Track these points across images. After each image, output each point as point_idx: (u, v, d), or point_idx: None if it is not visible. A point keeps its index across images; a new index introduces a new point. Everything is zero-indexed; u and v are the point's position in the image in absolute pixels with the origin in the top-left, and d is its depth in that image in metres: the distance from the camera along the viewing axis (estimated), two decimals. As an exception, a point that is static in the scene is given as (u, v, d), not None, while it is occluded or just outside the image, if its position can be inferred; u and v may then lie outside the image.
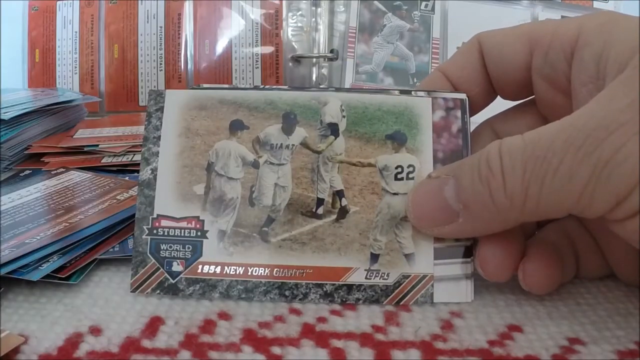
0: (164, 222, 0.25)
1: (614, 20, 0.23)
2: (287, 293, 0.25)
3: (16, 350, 0.21)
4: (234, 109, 0.27)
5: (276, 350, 0.22)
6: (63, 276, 0.25)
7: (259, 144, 0.26)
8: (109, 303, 0.25)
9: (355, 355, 0.21)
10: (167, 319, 0.24)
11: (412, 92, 0.27)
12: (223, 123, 0.26)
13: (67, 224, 0.29)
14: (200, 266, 0.25)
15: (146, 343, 0.22)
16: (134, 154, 0.42)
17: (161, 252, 0.25)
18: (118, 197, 0.33)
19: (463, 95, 0.27)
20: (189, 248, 0.25)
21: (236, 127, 0.26)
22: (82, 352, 0.21)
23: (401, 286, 0.25)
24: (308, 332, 0.23)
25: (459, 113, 0.27)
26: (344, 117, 0.27)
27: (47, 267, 0.25)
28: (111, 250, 0.28)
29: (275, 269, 0.25)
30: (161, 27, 0.57)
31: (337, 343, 0.22)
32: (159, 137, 0.26)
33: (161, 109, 0.27)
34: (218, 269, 0.25)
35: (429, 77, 0.29)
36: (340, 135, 0.27)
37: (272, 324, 0.23)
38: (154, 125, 0.26)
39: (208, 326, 0.23)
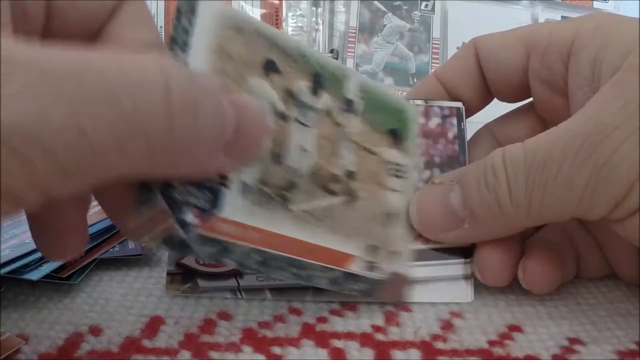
0: None
1: (610, 23, 0.23)
2: (294, 271, 0.23)
3: (16, 351, 0.21)
4: (269, 45, 0.24)
5: (276, 350, 0.22)
6: (63, 276, 0.25)
7: (291, 96, 0.24)
8: (109, 303, 0.25)
9: (355, 355, 0.21)
10: (167, 319, 0.23)
11: (410, 100, 0.28)
12: (257, 58, 0.23)
13: (67, 224, 0.29)
14: (219, 223, 0.21)
15: (146, 343, 0.22)
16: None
17: (173, 192, 0.19)
18: (118, 197, 0.33)
19: (459, 104, 0.28)
20: (207, 195, 0.20)
21: (270, 67, 0.24)
22: (82, 352, 0.21)
23: (393, 283, 0.25)
24: (308, 332, 0.23)
25: (454, 120, 0.27)
26: (362, 98, 0.26)
27: (47, 267, 0.25)
28: (111, 250, 0.28)
29: (290, 244, 0.23)
30: (161, 27, 0.57)
31: (337, 343, 0.22)
32: (187, 45, 0.21)
33: (192, 11, 0.21)
34: (238, 231, 0.21)
35: (423, 81, 0.29)
36: (359, 116, 0.25)
37: (272, 323, 0.23)
38: (183, 27, 0.21)
39: (208, 326, 0.23)
